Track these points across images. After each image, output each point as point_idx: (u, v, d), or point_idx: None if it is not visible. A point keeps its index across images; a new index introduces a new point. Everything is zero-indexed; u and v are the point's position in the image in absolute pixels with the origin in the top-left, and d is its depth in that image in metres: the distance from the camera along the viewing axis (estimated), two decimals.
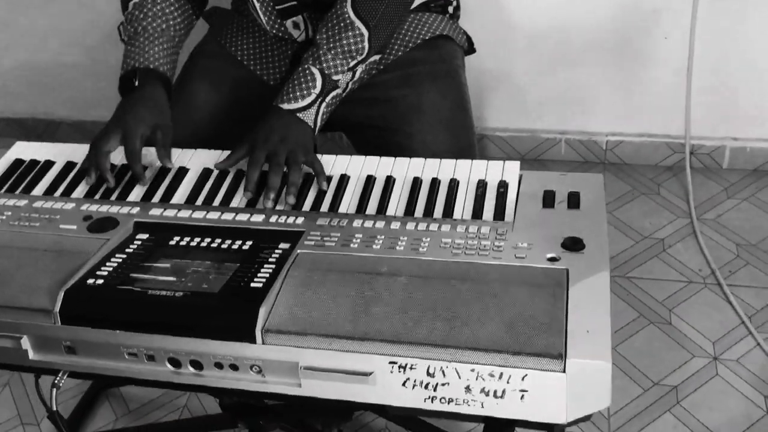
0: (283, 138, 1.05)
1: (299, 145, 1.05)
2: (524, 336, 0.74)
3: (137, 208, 1.00)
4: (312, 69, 1.09)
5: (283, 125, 1.07)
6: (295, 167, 1.02)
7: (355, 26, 1.09)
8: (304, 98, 1.08)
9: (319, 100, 1.09)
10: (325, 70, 1.09)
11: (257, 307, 0.79)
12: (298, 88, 1.08)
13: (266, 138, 1.05)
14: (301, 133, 1.07)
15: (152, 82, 1.15)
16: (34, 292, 0.85)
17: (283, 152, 1.03)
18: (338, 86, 1.10)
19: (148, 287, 0.84)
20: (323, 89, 1.09)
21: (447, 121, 1.16)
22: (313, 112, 1.09)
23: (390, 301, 0.80)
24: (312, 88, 1.08)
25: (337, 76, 1.09)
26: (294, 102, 1.08)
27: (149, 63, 1.15)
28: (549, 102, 1.92)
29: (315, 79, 1.08)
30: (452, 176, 1.03)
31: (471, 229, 0.91)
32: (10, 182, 1.10)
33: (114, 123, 1.11)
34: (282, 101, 1.09)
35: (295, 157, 1.02)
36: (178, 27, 1.22)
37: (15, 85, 2.26)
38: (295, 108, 1.08)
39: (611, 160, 1.97)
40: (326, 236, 0.91)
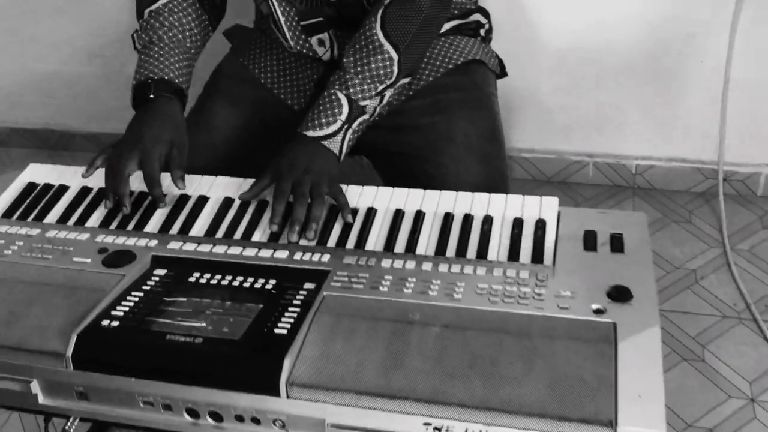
0: (308, 168, 1.00)
1: (323, 175, 1.00)
2: (570, 399, 0.69)
3: (155, 241, 0.95)
4: (338, 94, 1.04)
5: (308, 154, 1.02)
6: (318, 200, 0.97)
7: (384, 49, 1.04)
8: (329, 125, 1.03)
9: (346, 127, 1.04)
10: (352, 96, 1.04)
11: (282, 358, 0.74)
12: (323, 114, 1.04)
13: (290, 167, 1.00)
14: (326, 163, 1.02)
15: (167, 95, 1.10)
16: (46, 334, 0.80)
17: (307, 183, 0.98)
18: (366, 112, 1.05)
19: (166, 331, 0.79)
20: (350, 116, 1.04)
21: (478, 151, 1.11)
22: (339, 139, 1.04)
23: (423, 354, 0.74)
24: (338, 114, 1.03)
25: (364, 101, 1.04)
26: (319, 129, 1.03)
27: (164, 74, 1.10)
28: (577, 123, 1.87)
29: (341, 105, 1.04)
30: (486, 212, 0.97)
31: (509, 273, 0.85)
32: (22, 208, 1.06)
33: (131, 143, 1.06)
34: (307, 128, 1.04)
35: (320, 189, 0.98)
36: (195, 38, 1.18)
37: (31, 96, 2.23)
38: (321, 135, 1.03)
39: (641, 185, 1.91)
40: (353, 277, 0.86)
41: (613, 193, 1.89)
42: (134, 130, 1.07)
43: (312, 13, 1.14)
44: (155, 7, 1.15)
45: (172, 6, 1.15)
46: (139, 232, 0.99)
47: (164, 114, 1.08)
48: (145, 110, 1.09)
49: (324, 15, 1.14)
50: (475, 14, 1.22)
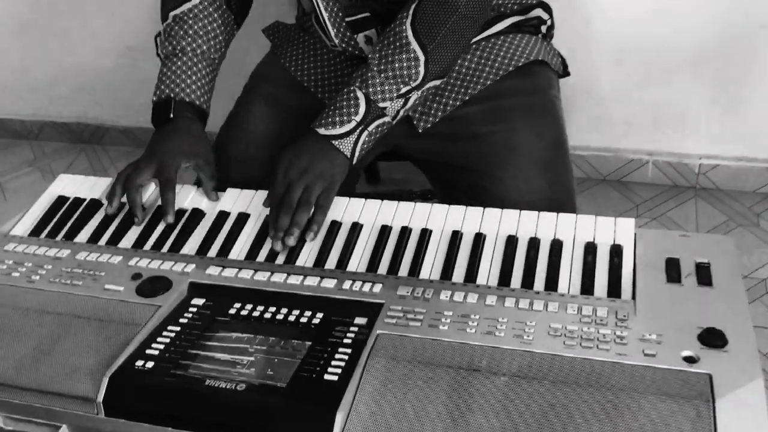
0: (306, 168, 0.94)
1: (319, 179, 0.93)
2: None
3: (192, 265, 0.88)
4: (357, 92, 0.96)
5: (312, 153, 0.95)
6: (303, 207, 0.91)
7: (410, 48, 0.95)
8: (342, 125, 0.95)
9: (361, 128, 0.96)
10: (371, 96, 0.95)
11: (334, 412, 0.66)
12: (338, 112, 0.95)
13: (288, 167, 0.95)
14: (330, 163, 0.95)
15: (188, 115, 1.05)
16: (75, 375, 0.74)
17: (299, 188, 0.92)
18: (386, 114, 0.96)
19: (205, 375, 0.72)
20: (366, 116, 0.95)
21: (543, 164, 1.01)
22: (352, 141, 0.96)
23: (489, 408, 0.66)
24: (354, 114, 0.95)
25: (384, 103, 0.96)
26: (331, 128, 0.95)
27: (185, 95, 1.04)
28: (636, 120, 1.75)
29: (358, 105, 0.95)
30: (554, 235, 0.88)
31: (585, 310, 0.76)
32: (51, 225, 0.99)
33: (148, 155, 1.01)
34: (319, 124, 0.96)
35: (309, 195, 0.92)
36: (220, 45, 1.11)
37: (64, 90, 2.18)
38: (332, 134, 0.95)
39: (704, 185, 1.79)
40: (409, 313, 0.78)
41: (674, 194, 1.77)
42: (153, 146, 1.02)
43: (358, 9, 1.05)
44: (180, 11, 1.08)
45: (197, 12, 1.08)
46: (175, 255, 0.91)
47: (185, 130, 1.03)
48: (165, 128, 1.04)
49: (371, 10, 1.05)
50: (536, 9, 1.11)
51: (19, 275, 0.88)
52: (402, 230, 0.91)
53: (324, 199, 0.92)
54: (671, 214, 1.71)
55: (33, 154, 2.23)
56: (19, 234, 0.98)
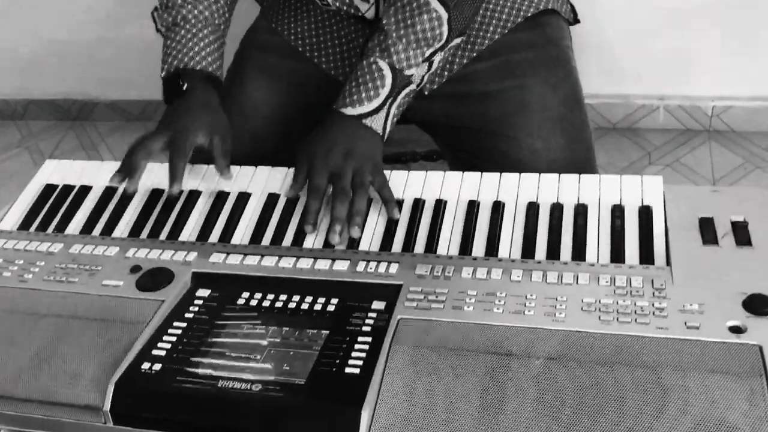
0: (348, 153, 0.86)
1: (366, 160, 0.86)
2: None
3: (194, 253, 0.82)
4: (380, 63, 0.88)
5: (347, 136, 0.88)
6: (361, 192, 0.83)
7: (431, 8, 0.87)
8: (371, 100, 0.88)
9: (390, 101, 0.89)
10: (395, 64, 0.88)
11: (359, 409, 0.62)
12: (363, 88, 0.88)
13: (326, 154, 0.87)
14: (368, 145, 0.88)
15: (201, 85, 0.96)
16: (78, 383, 0.69)
17: (348, 174, 0.85)
18: (412, 82, 0.90)
19: (218, 376, 0.67)
20: (394, 87, 0.88)
21: (560, 121, 0.94)
22: (383, 116, 0.89)
23: (527, 396, 0.61)
24: (380, 87, 0.88)
25: (410, 70, 0.89)
26: (359, 105, 0.88)
27: (195, 63, 0.96)
28: (646, 65, 1.68)
29: (384, 77, 0.88)
30: (577, 200, 0.82)
31: (618, 281, 0.71)
32: (41, 217, 0.93)
33: (162, 128, 0.94)
34: (344, 104, 0.89)
35: (362, 179, 0.84)
36: (222, 10, 1.02)
37: (47, 66, 2.09)
38: (361, 113, 0.88)
39: (717, 128, 1.72)
40: (430, 294, 0.73)
41: (687, 139, 1.71)
42: (166, 120, 0.95)
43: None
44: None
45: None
46: (174, 242, 0.86)
47: (200, 102, 0.94)
48: (179, 103, 0.95)
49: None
50: None
51: (10, 274, 0.83)
52: (415, 203, 0.86)
53: (380, 178, 0.85)
54: (685, 159, 1.65)
55: (20, 134, 2.16)
56: (7, 228, 0.92)
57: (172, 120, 0.94)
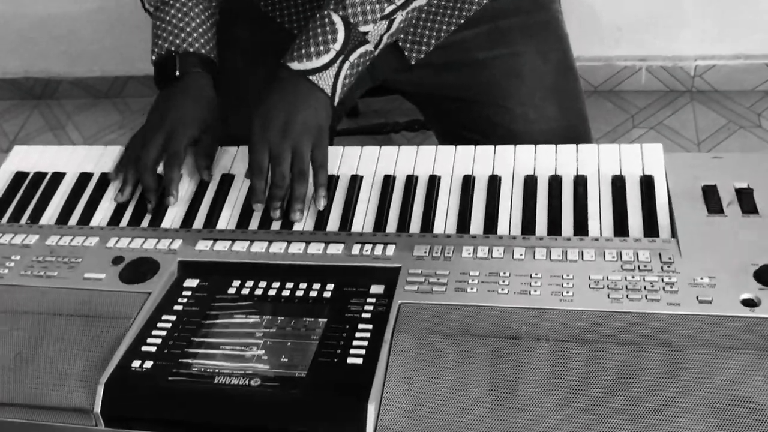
0: (287, 123, 0.81)
1: (306, 133, 0.81)
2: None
3: (178, 241, 0.78)
4: (333, 16, 0.82)
5: (289, 98, 0.82)
6: (299, 179, 0.80)
7: None
8: (319, 55, 0.82)
9: (341, 58, 0.82)
10: (350, 18, 0.82)
11: (365, 402, 0.59)
12: (313, 41, 0.82)
13: (264, 124, 0.81)
14: (312, 110, 0.82)
15: (195, 69, 0.90)
16: (65, 384, 0.65)
17: (286, 155, 0.80)
18: (368, 41, 0.83)
19: (213, 371, 0.64)
20: (347, 44, 0.82)
21: (553, 89, 0.91)
22: (332, 74, 0.82)
23: (540, 382, 0.59)
24: (332, 42, 0.82)
25: (365, 26, 0.82)
26: (306, 60, 0.82)
27: (188, 45, 0.90)
28: (627, 25, 1.65)
29: (336, 31, 0.82)
30: (576, 171, 0.80)
31: (625, 255, 0.69)
32: (13, 207, 0.88)
33: (156, 126, 0.87)
34: (291, 58, 0.83)
35: (301, 163, 0.80)
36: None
37: (4, 43, 1.99)
38: (308, 69, 0.82)
39: (700, 88, 1.71)
40: (431, 276, 0.70)
41: (670, 100, 1.69)
42: (160, 111, 0.88)
43: None
44: None
45: None
46: (157, 230, 0.82)
47: (194, 91, 0.89)
48: (172, 89, 0.89)
49: None
50: None
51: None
52: (408, 179, 0.82)
53: (319, 155, 0.81)
54: (668, 121, 1.64)
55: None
56: None
57: (166, 113, 0.88)
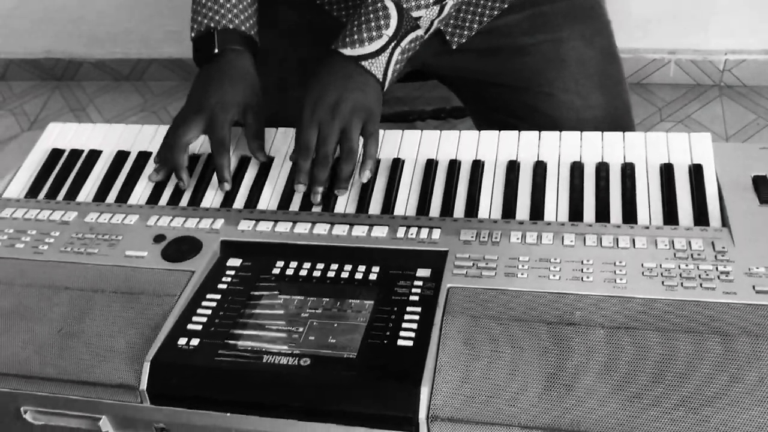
0: (337, 104, 0.80)
1: (356, 113, 0.80)
2: None
3: (220, 221, 0.78)
4: (385, 2, 0.81)
5: (341, 81, 0.81)
6: (349, 156, 0.79)
7: None
8: (372, 41, 0.81)
9: (393, 44, 0.82)
10: (403, 3, 0.81)
11: (417, 385, 0.58)
12: (366, 27, 0.81)
13: (315, 103, 0.80)
14: (363, 93, 0.81)
15: (236, 47, 0.89)
16: (110, 361, 0.65)
17: (334, 134, 0.79)
18: (419, 26, 0.83)
19: (260, 350, 0.63)
20: (399, 29, 0.81)
21: (597, 76, 0.90)
22: (384, 60, 0.82)
23: (594, 368, 0.58)
24: (384, 27, 0.81)
25: (418, 11, 0.82)
26: (359, 46, 0.81)
27: (228, 22, 0.88)
28: (657, 17, 1.63)
29: (389, 16, 0.81)
30: (624, 158, 0.79)
31: (677, 243, 0.68)
32: (49, 183, 0.88)
33: (195, 107, 0.86)
34: (343, 44, 0.82)
35: (350, 140, 0.79)
36: None
37: (26, 23, 1.99)
38: (361, 54, 0.81)
39: (729, 83, 1.69)
40: (479, 260, 0.69)
41: (698, 94, 1.68)
42: (199, 92, 0.87)
43: None
44: None
45: None
46: (197, 209, 0.81)
47: (235, 71, 0.87)
48: (211, 68, 0.88)
49: None
50: None
51: (23, 246, 0.78)
52: (450, 164, 0.81)
53: (371, 129, 0.79)
54: (696, 115, 1.62)
55: (1, 95, 2.06)
56: (14, 196, 0.87)
57: (205, 95, 0.86)
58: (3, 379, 0.66)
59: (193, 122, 0.83)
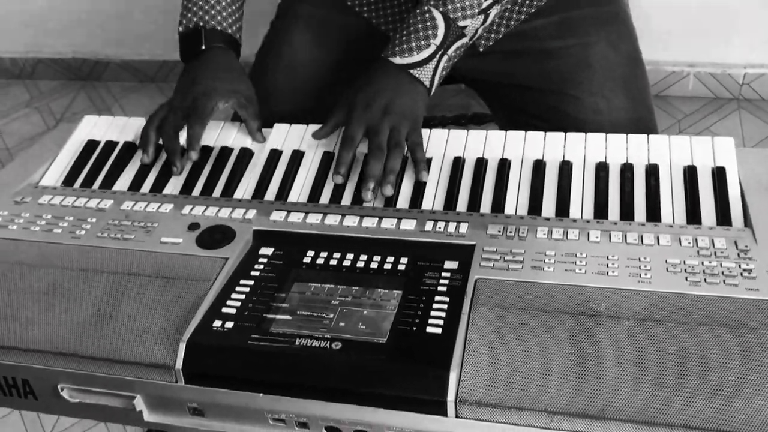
0: (387, 107, 0.84)
1: (405, 117, 0.84)
2: None
3: (253, 211, 0.80)
4: (433, 12, 0.85)
5: (391, 86, 0.85)
6: (396, 151, 0.81)
7: None
8: (421, 50, 0.85)
9: (441, 52, 0.85)
10: (450, 14, 0.84)
11: (447, 369, 0.60)
12: (414, 36, 0.85)
13: (367, 104, 0.84)
14: (412, 99, 0.85)
15: (221, 46, 0.94)
16: (146, 341, 0.67)
17: (385, 129, 0.83)
18: (465, 34, 0.86)
19: (293, 334, 0.65)
20: (446, 38, 0.85)
21: (622, 80, 0.92)
22: (431, 68, 0.85)
23: (620, 357, 0.60)
24: (432, 37, 0.85)
25: (464, 21, 0.85)
26: (408, 55, 0.85)
27: (216, 23, 0.93)
28: (677, 30, 1.65)
29: (437, 26, 0.85)
30: (648, 160, 0.80)
31: (702, 242, 0.69)
32: (85, 173, 0.90)
33: (182, 94, 0.90)
34: (393, 53, 0.86)
35: (399, 137, 0.82)
36: None
37: (55, 23, 2.03)
38: (410, 63, 0.85)
39: (747, 96, 1.70)
40: (506, 254, 0.71)
41: (716, 107, 1.69)
42: (185, 82, 0.92)
43: None
44: None
45: None
46: (230, 200, 0.83)
47: (221, 64, 0.92)
48: (197, 63, 0.93)
49: None
50: None
51: (61, 231, 0.80)
52: (478, 162, 0.83)
53: (416, 137, 0.83)
54: (715, 128, 1.64)
55: (29, 94, 2.10)
56: (51, 184, 0.89)
57: (192, 83, 0.91)
58: (42, 357, 0.68)
59: (178, 109, 0.88)
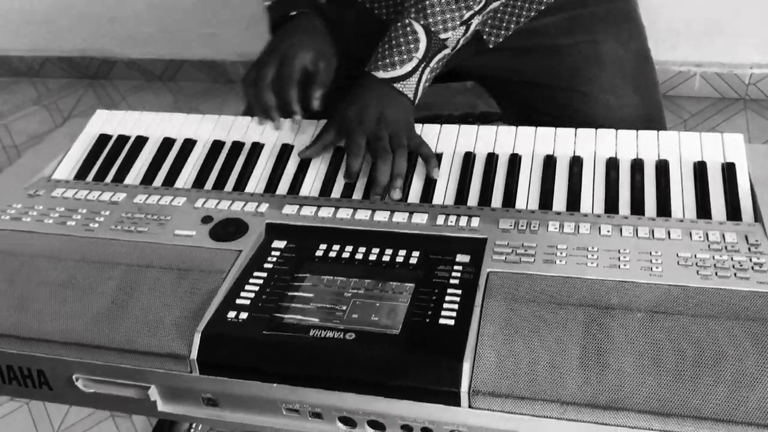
0: (380, 117, 0.85)
1: (399, 123, 0.85)
2: None
3: (265, 205, 0.80)
4: (414, 26, 0.86)
5: (378, 100, 0.86)
6: (400, 152, 0.82)
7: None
8: (404, 64, 0.86)
9: (423, 65, 0.87)
10: (431, 27, 0.86)
11: (460, 360, 0.60)
12: (396, 51, 0.86)
13: (360, 118, 0.85)
14: (400, 109, 0.87)
15: (308, 11, 0.94)
16: (160, 331, 0.67)
17: (384, 134, 0.84)
18: (447, 46, 0.87)
19: (307, 325, 0.66)
20: (428, 52, 0.86)
21: (632, 77, 0.92)
22: (414, 81, 0.87)
23: (631, 348, 0.60)
24: (414, 50, 0.86)
25: (446, 33, 0.86)
26: (391, 69, 0.86)
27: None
28: (685, 30, 1.65)
29: (418, 39, 0.86)
30: (658, 156, 0.81)
31: (712, 236, 0.70)
32: (97, 166, 0.91)
33: (269, 52, 0.92)
34: (376, 67, 0.87)
35: (399, 141, 0.83)
36: None
37: (63, 21, 2.04)
38: (393, 77, 0.86)
39: (754, 96, 1.71)
40: (518, 247, 0.71)
41: (723, 107, 1.70)
42: (274, 42, 0.93)
43: None
44: None
45: None
46: (242, 194, 0.84)
47: (309, 27, 0.92)
48: (286, 27, 0.94)
49: None
50: None
51: (75, 223, 0.81)
52: (488, 157, 0.84)
53: (416, 138, 0.84)
54: (721, 128, 1.64)
55: (36, 92, 2.11)
56: (64, 178, 0.90)
57: (278, 45, 0.92)
58: (57, 348, 0.68)
59: (267, 66, 0.89)
